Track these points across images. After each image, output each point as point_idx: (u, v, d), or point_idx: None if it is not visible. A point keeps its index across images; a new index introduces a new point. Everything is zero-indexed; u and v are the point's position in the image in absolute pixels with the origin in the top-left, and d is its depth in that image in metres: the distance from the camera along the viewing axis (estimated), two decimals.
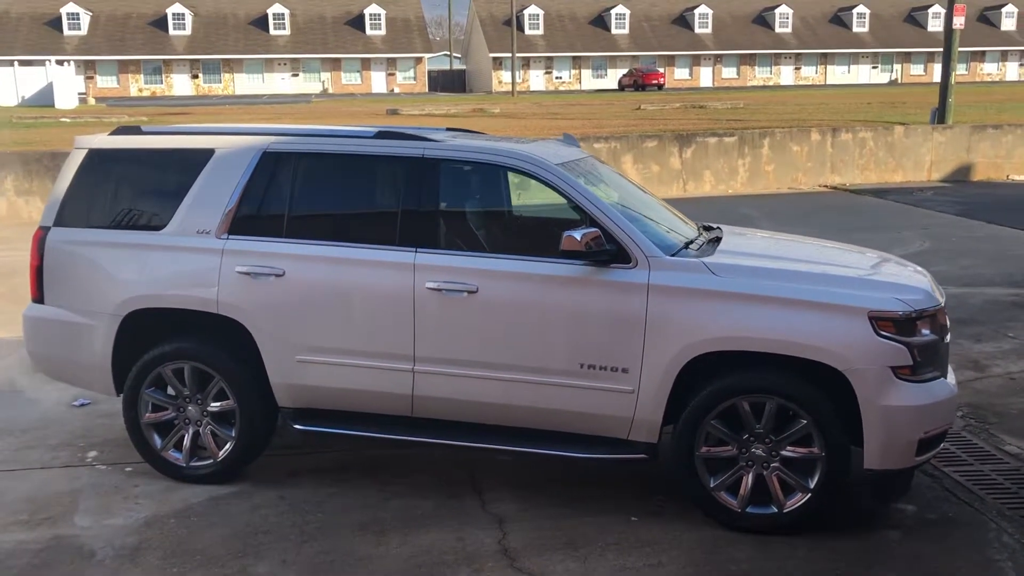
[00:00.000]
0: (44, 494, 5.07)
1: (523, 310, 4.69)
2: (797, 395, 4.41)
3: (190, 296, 5.01)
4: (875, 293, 4.49)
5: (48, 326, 5.31)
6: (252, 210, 5.03)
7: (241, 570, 4.26)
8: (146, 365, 5.11)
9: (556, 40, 70.37)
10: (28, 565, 4.30)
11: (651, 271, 4.55)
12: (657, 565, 4.28)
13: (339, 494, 5.04)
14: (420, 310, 4.76)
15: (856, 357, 4.32)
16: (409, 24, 69.75)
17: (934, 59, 75.91)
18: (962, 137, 19.38)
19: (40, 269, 5.28)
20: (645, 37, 71.47)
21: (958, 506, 4.87)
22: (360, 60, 67.84)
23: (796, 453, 4.49)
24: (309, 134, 5.19)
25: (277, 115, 31.93)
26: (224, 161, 5.09)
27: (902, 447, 4.40)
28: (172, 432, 5.20)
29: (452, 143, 5.03)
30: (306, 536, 4.57)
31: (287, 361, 4.94)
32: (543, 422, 4.79)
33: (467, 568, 4.26)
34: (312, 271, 4.90)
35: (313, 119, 28.85)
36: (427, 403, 4.88)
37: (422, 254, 4.79)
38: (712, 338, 4.44)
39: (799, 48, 72.98)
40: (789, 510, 4.52)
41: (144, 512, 4.84)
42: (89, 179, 5.28)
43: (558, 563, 4.30)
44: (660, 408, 4.57)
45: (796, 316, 4.41)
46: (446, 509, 4.87)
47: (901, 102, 32.33)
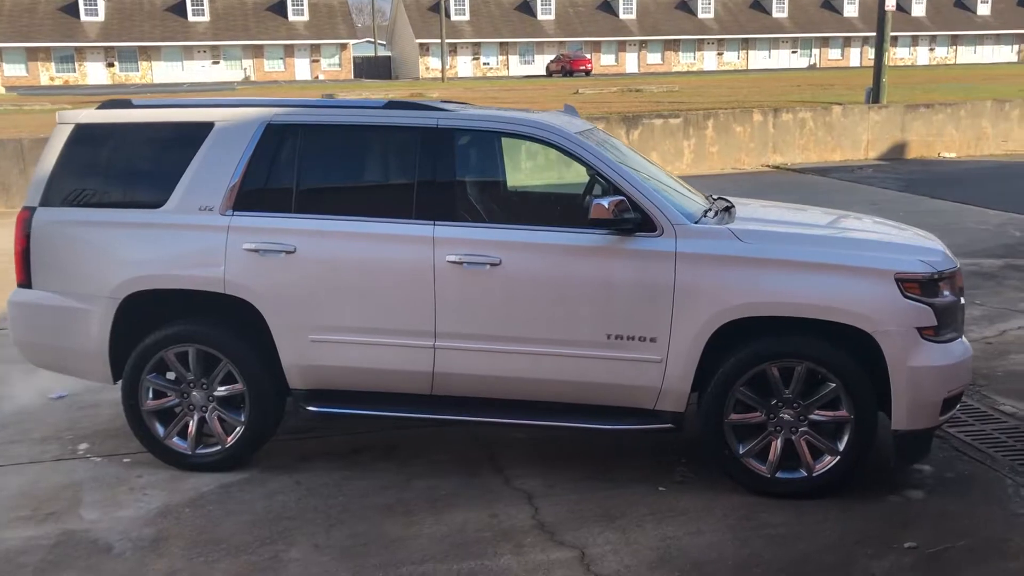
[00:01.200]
0: (41, 489, 4.80)
1: (548, 282, 4.60)
2: (826, 359, 4.42)
3: (195, 276, 4.79)
4: (899, 255, 4.53)
5: (37, 312, 5.02)
6: (257, 185, 4.82)
7: (273, 557, 4.09)
8: (147, 349, 4.88)
9: (483, 26, 70.09)
10: (43, 562, 4.06)
11: (678, 239, 4.51)
12: (697, 533, 4.26)
13: (356, 477, 4.89)
14: (440, 284, 4.63)
15: (884, 319, 4.35)
16: (333, 10, 68.64)
17: (851, 43, 78.09)
18: (896, 116, 19.91)
19: (27, 252, 4.98)
20: (571, 23, 71.70)
21: (972, 464, 4.97)
22: (283, 46, 66.55)
23: (825, 417, 4.51)
24: (314, 105, 5.00)
25: None
26: (225, 134, 4.86)
27: (928, 407, 4.45)
28: (176, 419, 4.98)
29: (467, 112, 4.91)
30: (332, 520, 4.43)
31: (300, 341, 4.76)
32: (568, 395, 4.72)
33: (507, 544, 4.18)
34: (325, 247, 4.72)
35: None
36: (448, 380, 4.76)
37: (441, 227, 4.66)
38: (742, 304, 4.43)
39: (721, 34, 74.15)
40: (819, 473, 4.54)
41: (155, 503, 4.62)
42: (77, 156, 5.00)
43: (598, 535, 4.25)
44: (688, 377, 4.55)
45: (824, 280, 4.42)
46: (470, 488, 4.76)
47: (829, 84, 33.09)
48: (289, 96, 34.19)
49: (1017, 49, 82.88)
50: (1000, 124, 20.51)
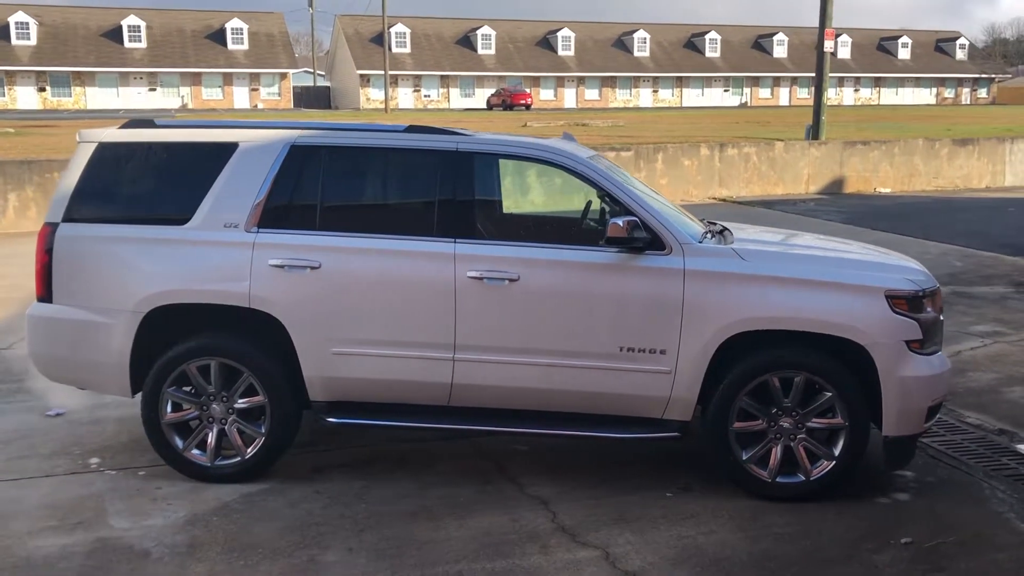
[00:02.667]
0: (63, 500, 4.85)
1: (564, 297, 4.86)
2: (823, 370, 4.76)
3: (220, 290, 4.93)
4: (888, 274, 4.91)
5: (57, 326, 5.09)
6: (282, 203, 5.00)
7: (310, 560, 4.23)
8: (169, 363, 4.98)
9: (424, 58, 70.68)
10: (83, 567, 4.13)
11: (685, 257, 4.82)
12: (709, 532, 4.52)
13: (373, 486, 5.05)
14: (461, 299, 4.85)
15: (877, 332, 4.71)
16: (273, 39, 68.49)
17: (780, 83, 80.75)
18: (835, 153, 20.79)
19: (48, 266, 5.07)
20: (511, 58, 72.76)
21: (948, 470, 5.35)
22: (222, 75, 66.06)
23: (822, 424, 4.84)
24: (337, 128, 5.20)
25: None
26: (249, 155, 5.04)
27: (915, 414, 4.82)
28: (195, 431, 5.08)
29: (484, 137, 5.17)
30: (360, 526, 4.58)
31: (323, 354, 4.92)
32: (581, 405, 4.97)
33: (534, 545, 4.39)
34: (350, 263, 4.91)
35: None
36: (466, 391, 4.97)
37: (461, 244, 4.89)
38: (747, 318, 4.75)
39: (657, 72, 76.03)
40: (816, 477, 4.86)
41: (181, 512, 4.71)
42: (100, 173, 5.11)
43: (617, 536, 4.48)
44: (696, 387, 4.84)
45: (822, 296, 4.77)
46: (486, 495, 4.96)
47: (766, 121, 34.26)
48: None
49: (935, 92, 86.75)
50: (931, 162, 21.56)
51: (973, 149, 22.03)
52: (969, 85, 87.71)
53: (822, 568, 4.19)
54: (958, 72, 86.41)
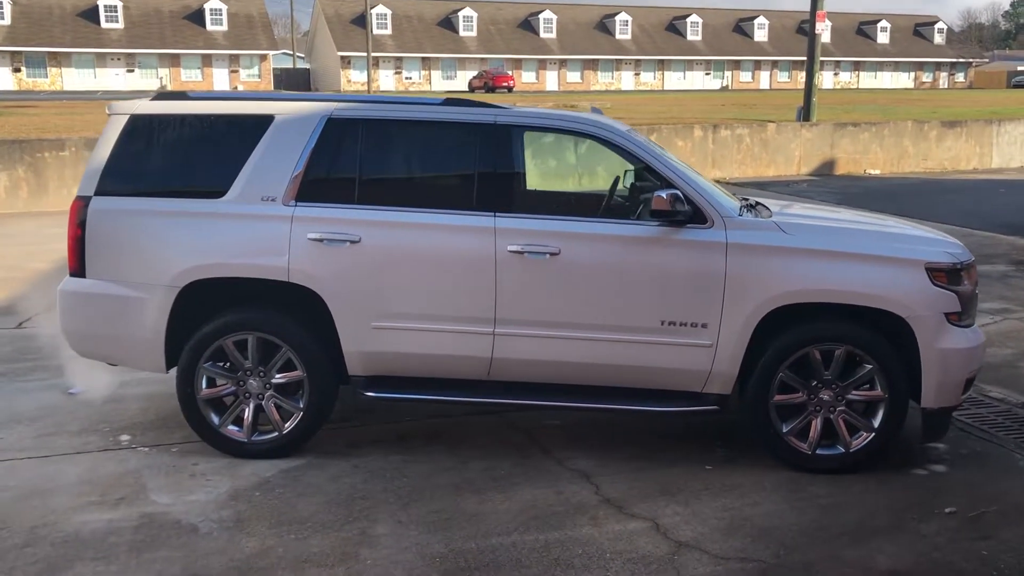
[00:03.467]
0: (101, 476, 4.80)
1: (605, 271, 4.85)
2: (864, 342, 4.78)
3: (258, 264, 4.87)
4: (927, 247, 4.94)
5: (90, 301, 5.02)
6: (320, 176, 4.94)
7: (361, 532, 4.21)
8: (205, 338, 4.93)
9: (405, 40, 70.21)
10: (134, 542, 4.09)
11: (727, 230, 4.81)
12: (754, 504, 4.55)
13: (412, 461, 5.03)
14: (502, 273, 4.83)
15: (917, 305, 4.74)
16: (252, 20, 67.74)
17: (761, 67, 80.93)
18: (826, 134, 20.88)
19: (81, 241, 4.98)
20: (492, 40, 72.42)
21: (980, 442, 5.40)
22: (201, 56, 65.31)
23: (862, 396, 4.86)
24: (374, 100, 5.15)
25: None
26: (286, 127, 4.97)
27: (953, 386, 4.85)
28: (231, 407, 5.03)
29: (522, 110, 5.13)
30: (405, 499, 4.56)
31: (362, 328, 4.89)
32: (621, 379, 4.97)
33: (583, 517, 4.39)
34: (389, 237, 4.87)
35: None
36: (505, 365, 4.95)
37: (501, 218, 4.86)
38: (790, 291, 4.75)
39: (639, 55, 75.94)
40: (855, 449, 4.89)
41: (222, 488, 4.67)
42: (133, 146, 5.03)
43: (664, 507, 4.50)
44: (737, 361, 4.84)
45: (864, 269, 4.78)
46: (525, 468, 4.96)
47: (752, 104, 34.33)
48: None
49: (913, 76, 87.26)
50: (920, 144, 21.70)
51: (961, 131, 22.20)
52: (947, 69, 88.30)
53: (871, 537, 4.22)
54: (936, 56, 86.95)
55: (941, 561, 4.01)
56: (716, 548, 4.09)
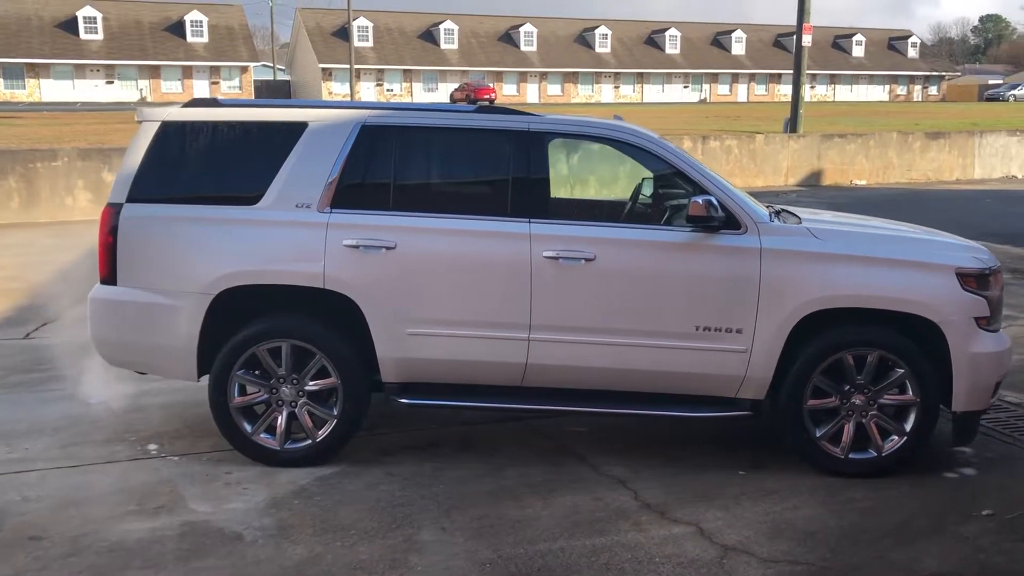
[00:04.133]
0: (134, 486, 4.75)
1: (640, 276, 4.87)
2: (896, 347, 4.83)
3: (294, 271, 4.85)
4: (956, 253, 5.00)
5: (122, 308, 4.98)
6: (354, 183, 4.93)
7: (406, 539, 4.19)
8: (238, 345, 4.90)
9: (386, 53, 70.23)
10: (180, 550, 4.05)
11: (761, 236, 4.85)
12: (794, 508, 4.57)
13: (446, 467, 5.02)
14: (537, 279, 4.84)
15: (948, 310, 4.79)
16: (233, 32, 67.52)
17: (738, 80, 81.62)
18: (813, 146, 21.09)
19: (113, 248, 4.94)
20: (473, 53, 72.61)
21: (1004, 446, 5.46)
22: (181, 68, 64.98)
23: (894, 400, 4.90)
24: (407, 108, 5.15)
25: (112, 123, 30.16)
26: (319, 134, 4.96)
27: (983, 390, 4.91)
28: (264, 415, 5.00)
29: (555, 118, 5.16)
30: (444, 505, 4.55)
31: (397, 335, 4.88)
32: (656, 385, 4.98)
33: (626, 522, 4.40)
34: (425, 243, 4.87)
35: None
36: (540, 371, 4.95)
37: (536, 224, 4.87)
38: (824, 296, 4.79)
39: (618, 68, 76.38)
40: (887, 453, 4.93)
41: (260, 496, 4.64)
42: (164, 152, 5.00)
43: (704, 512, 4.51)
44: (771, 366, 4.87)
45: (896, 274, 4.84)
46: (561, 475, 4.96)
47: (736, 116, 34.60)
48: None
49: (888, 89, 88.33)
50: (905, 155, 21.98)
51: (944, 143, 22.50)
52: (921, 82, 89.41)
53: (914, 540, 4.26)
54: (910, 70, 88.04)
55: (987, 563, 4.05)
56: (763, 552, 4.11)
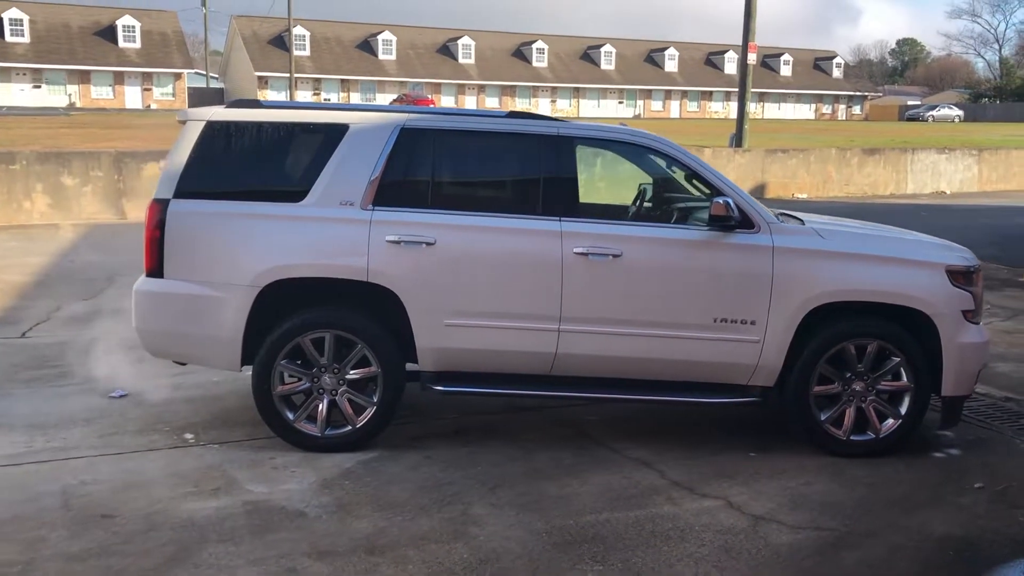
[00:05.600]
0: (185, 470, 4.92)
1: (663, 271, 5.25)
2: (893, 337, 5.29)
3: (340, 264, 5.10)
4: (946, 252, 5.51)
5: (168, 300, 5.16)
6: (395, 182, 5.21)
7: (462, 513, 4.48)
8: (283, 335, 5.12)
9: (324, 62, 69.97)
10: (251, 525, 4.27)
11: (773, 235, 5.28)
12: (808, 484, 4.98)
13: (479, 452, 5.31)
14: (567, 273, 5.17)
15: (940, 303, 5.28)
16: (167, 38, 66.48)
17: (671, 96, 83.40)
18: (758, 160, 21.90)
19: (160, 242, 5.12)
20: (412, 64, 72.82)
21: (981, 430, 5.98)
22: (112, 73, 63.69)
23: (890, 386, 5.37)
24: (443, 112, 5.45)
25: (56, 127, 29.60)
26: (361, 135, 5.23)
27: (969, 377, 5.41)
28: (305, 403, 5.22)
29: (581, 124, 5.52)
30: (488, 485, 4.84)
31: (436, 326, 5.16)
32: (675, 373, 5.36)
33: (659, 497, 4.75)
34: (462, 239, 5.17)
35: (98, 134, 27.12)
36: (568, 360, 5.28)
37: (567, 222, 5.22)
38: (831, 291, 5.23)
39: (555, 82, 77.39)
40: (885, 435, 5.39)
41: (311, 478, 4.86)
42: (210, 151, 5.20)
43: (728, 488, 4.89)
44: (782, 355, 5.29)
45: (895, 271, 5.31)
46: (588, 458, 5.29)
47: (676, 131, 35.44)
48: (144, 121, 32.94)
49: (814, 108, 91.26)
50: (843, 169, 22.96)
51: (880, 159, 23.57)
52: (845, 102, 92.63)
53: (918, 509, 4.70)
54: (835, 89, 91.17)
55: (987, 527, 4.51)
56: (790, 520, 4.51)
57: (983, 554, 4.24)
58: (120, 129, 29.57)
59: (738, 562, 4.08)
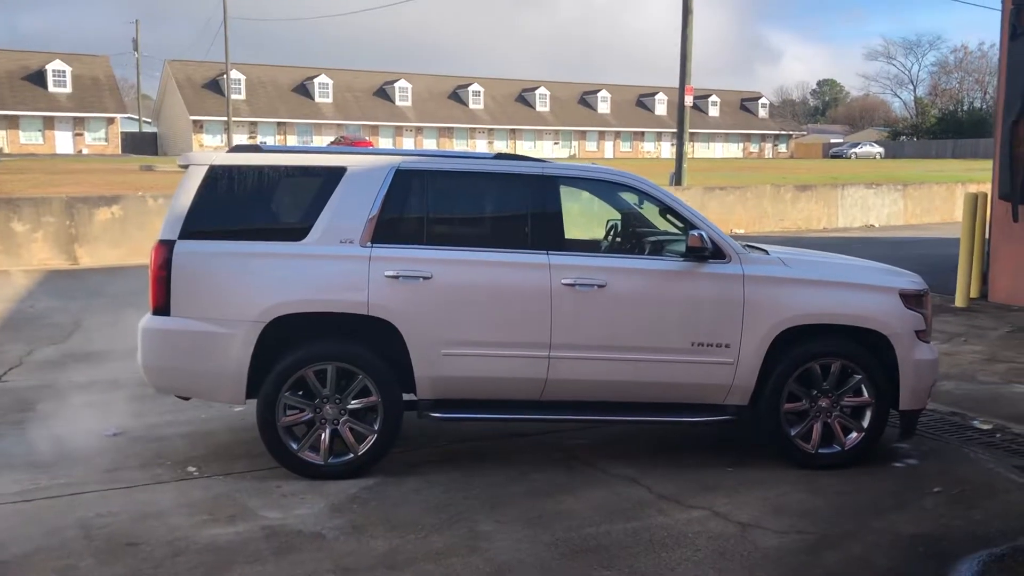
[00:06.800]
0: (196, 500, 5.10)
1: (645, 300, 5.64)
2: (854, 356, 5.74)
3: (341, 299, 5.37)
4: (898, 277, 6.01)
5: (175, 337, 5.35)
6: (392, 220, 5.52)
7: (470, 530, 4.74)
8: (287, 368, 5.35)
9: (259, 105, 69.81)
10: (272, 548, 4.47)
11: (743, 264, 5.71)
12: (785, 494, 5.37)
13: (474, 475, 5.58)
14: (556, 303, 5.53)
15: (896, 324, 5.76)
16: (99, 83, 65.67)
17: (604, 137, 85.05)
18: (697, 196, 22.65)
19: (166, 281, 5.32)
20: (349, 106, 73.08)
21: (933, 442, 6.46)
22: (43, 118, 62.61)
23: (853, 402, 5.81)
24: (435, 155, 5.80)
25: None
26: (359, 177, 5.53)
27: (923, 391, 5.89)
28: (309, 433, 5.45)
29: (562, 164, 5.92)
30: (489, 504, 5.11)
31: (433, 355, 5.45)
32: (657, 395, 5.73)
33: (650, 509, 5.09)
34: (457, 273, 5.49)
35: (42, 179, 26.79)
36: (558, 385, 5.61)
37: (554, 255, 5.58)
38: (798, 315, 5.68)
39: (492, 124, 78.40)
40: (850, 448, 5.82)
41: (320, 503, 5.07)
42: (213, 193, 5.44)
43: (713, 499, 5.25)
44: (754, 375, 5.70)
45: (854, 295, 5.79)
46: (578, 477, 5.60)
47: None
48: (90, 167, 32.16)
49: (742, 146, 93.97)
50: (778, 205, 23.87)
51: (812, 194, 24.57)
52: (771, 140, 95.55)
53: (887, 512, 5.12)
54: (761, 129, 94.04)
55: (950, 525, 4.95)
56: (774, 525, 4.88)
57: (948, 549, 4.66)
58: (64, 174, 29.22)
59: (733, 563, 4.42)
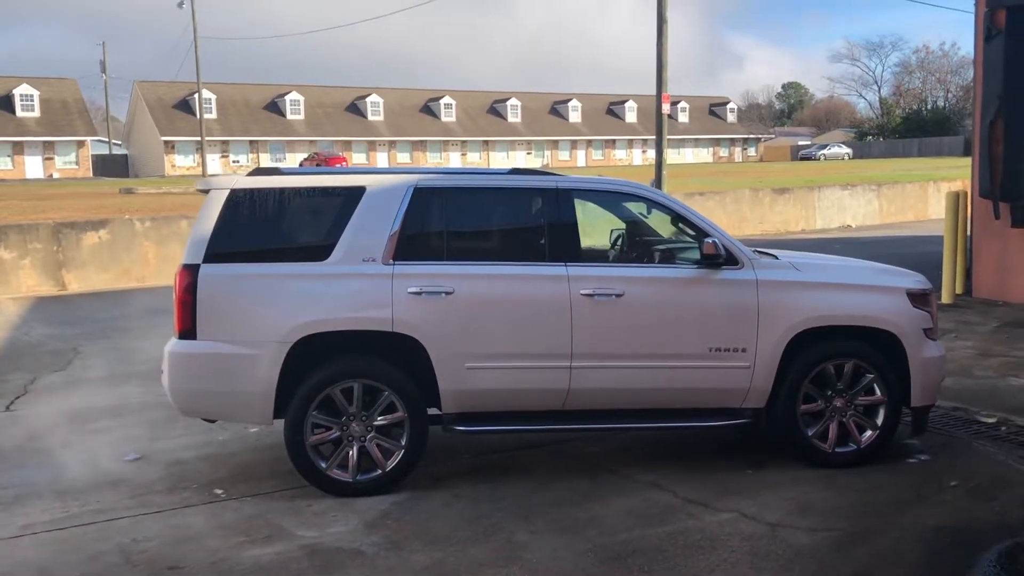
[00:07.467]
0: (229, 523, 5.12)
1: (662, 307, 5.75)
2: (867, 356, 5.88)
3: (366, 317, 5.43)
4: (905, 278, 6.16)
5: (202, 360, 5.38)
6: (412, 237, 5.59)
7: (507, 541, 4.81)
8: (314, 387, 5.40)
9: (231, 124, 69.53)
10: (315, 566, 4.51)
11: (756, 270, 5.84)
12: (807, 493, 5.48)
13: (501, 486, 5.65)
14: (576, 314, 5.62)
15: (905, 324, 5.91)
16: (68, 106, 65.12)
17: (576, 146, 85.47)
18: None
19: (192, 305, 5.36)
20: (320, 123, 72.96)
21: (943, 437, 6.61)
22: (11, 143, 61.97)
23: (867, 401, 5.94)
24: (451, 172, 5.89)
25: None
26: (378, 196, 5.60)
27: (933, 388, 6.04)
28: (337, 451, 5.49)
29: (576, 177, 6.03)
30: (520, 514, 5.18)
31: (457, 369, 5.52)
32: (677, 400, 5.83)
33: (680, 514, 5.18)
34: (478, 287, 5.57)
35: (24, 205, 26.56)
36: (580, 395, 5.70)
37: (572, 267, 5.68)
38: (812, 317, 5.81)
39: (464, 136, 78.57)
40: (865, 446, 5.95)
41: (353, 520, 5.12)
42: (235, 217, 5.49)
43: (738, 502, 5.34)
44: (771, 378, 5.82)
45: (864, 297, 5.93)
46: (603, 485, 5.69)
47: None
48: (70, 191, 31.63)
49: (712, 151, 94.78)
50: (756, 209, 24.17)
51: (790, 197, 24.90)
52: (740, 145, 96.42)
53: (909, 507, 5.25)
54: (730, 133, 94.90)
55: (972, 517, 5.08)
56: (802, 524, 4.99)
57: (973, 539, 4.79)
58: (43, 200, 28.94)
59: (769, 562, 4.53)
